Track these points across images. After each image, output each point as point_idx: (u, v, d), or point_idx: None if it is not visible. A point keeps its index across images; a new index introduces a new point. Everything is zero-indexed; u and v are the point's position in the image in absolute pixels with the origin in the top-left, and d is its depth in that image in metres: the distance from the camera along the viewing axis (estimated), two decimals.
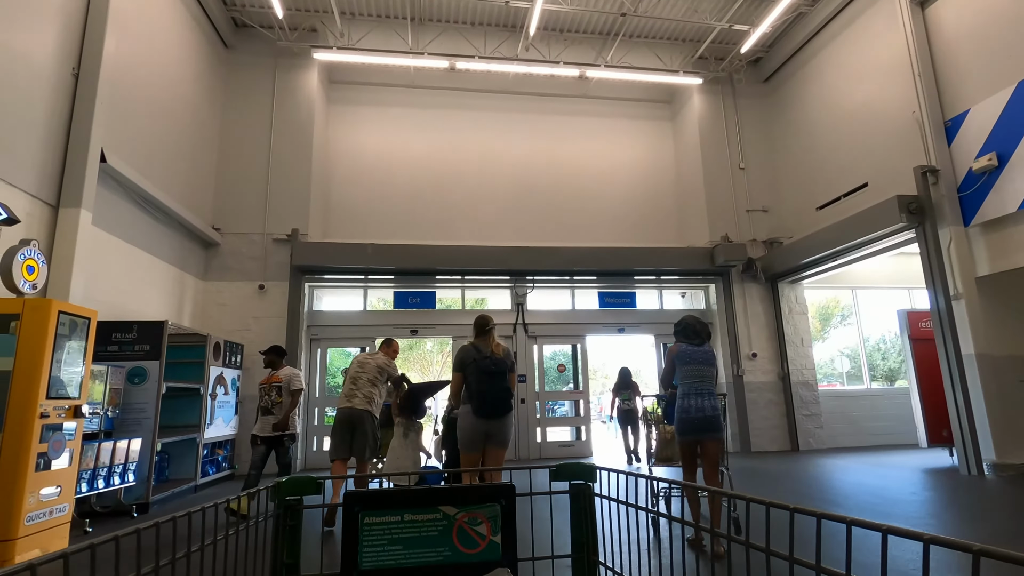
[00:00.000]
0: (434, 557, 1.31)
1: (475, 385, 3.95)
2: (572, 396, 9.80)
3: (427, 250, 9.08)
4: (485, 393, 3.92)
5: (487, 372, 3.96)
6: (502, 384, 4.02)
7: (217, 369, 7.32)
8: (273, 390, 5.29)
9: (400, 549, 1.29)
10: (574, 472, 1.57)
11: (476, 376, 3.96)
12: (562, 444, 9.55)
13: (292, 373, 5.39)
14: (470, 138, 10.90)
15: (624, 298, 10.18)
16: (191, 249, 8.47)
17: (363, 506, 1.31)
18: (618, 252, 9.66)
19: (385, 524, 1.30)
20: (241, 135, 9.44)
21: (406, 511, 1.33)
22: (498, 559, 1.31)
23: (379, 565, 1.27)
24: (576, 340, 9.85)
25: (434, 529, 1.32)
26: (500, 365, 4.03)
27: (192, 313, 8.47)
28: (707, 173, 10.49)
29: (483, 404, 3.91)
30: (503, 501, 1.36)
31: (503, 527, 1.35)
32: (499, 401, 3.97)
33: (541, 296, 9.95)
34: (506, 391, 4.03)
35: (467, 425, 3.99)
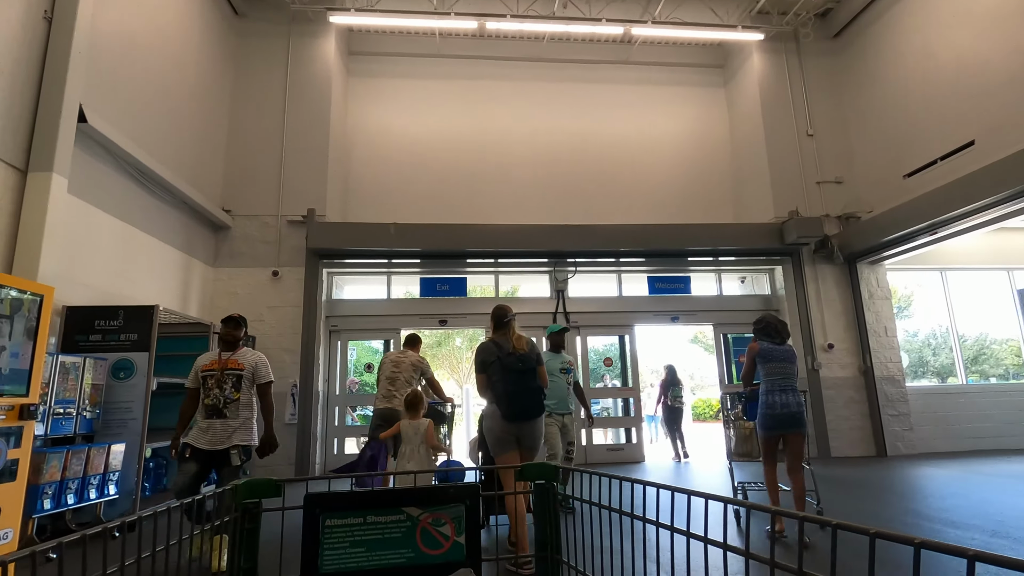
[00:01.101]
0: (397, 559, 1.27)
1: (500, 386, 3.54)
2: (620, 393, 8.72)
3: (456, 230, 8.11)
4: (513, 395, 3.51)
5: (513, 371, 3.54)
6: (531, 383, 3.59)
7: None
8: (228, 381, 3.66)
9: (362, 551, 1.26)
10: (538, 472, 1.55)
11: (500, 376, 3.55)
12: (610, 448, 8.48)
13: (259, 359, 3.86)
14: (502, 111, 9.90)
15: (677, 283, 9.03)
16: (199, 232, 7.69)
17: (323, 508, 1.26)
18: (669, 230, 8.51)
19: (347, 526, 1.27)
20: (253, 109, 8.63)
21: (369, 512, 1.29)
22: (462, 560, 1.27)
23: (340, 568, 1.23)
24: (624, 330, 8.76)
25: (397, 531, 1.29)
26: (526, 362, 3.58)
27: (200, 302, 7.68)
28: (770, 142, 9.25)
29: (511, 407, 3.50)
30: (468, 501, 1.33)
31: (467, 528, 1.32)
32: (529, 402, 3.55)
33: (584, 282, 8.88)
34: (536, 391, 3.60)
35: (494, 427, 3.59)
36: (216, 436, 3.56)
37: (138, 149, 6.01)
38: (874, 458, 8.01)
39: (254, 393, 3.80)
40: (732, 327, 8.93)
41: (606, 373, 9.11)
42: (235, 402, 3.66)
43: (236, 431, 3.62)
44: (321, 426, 7.86)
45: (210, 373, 3.68)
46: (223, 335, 3.81)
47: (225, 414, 3.62)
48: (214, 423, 3.59)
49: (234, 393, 3.66)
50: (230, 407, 3.64)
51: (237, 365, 3.73)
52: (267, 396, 3.81)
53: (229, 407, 3.64)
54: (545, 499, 1.55)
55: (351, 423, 8.40)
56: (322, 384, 7.94)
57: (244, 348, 3.92)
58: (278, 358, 7.80)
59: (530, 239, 8.20)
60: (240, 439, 3.64)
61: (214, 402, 3.62)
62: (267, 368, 3.90)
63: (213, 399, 3.62)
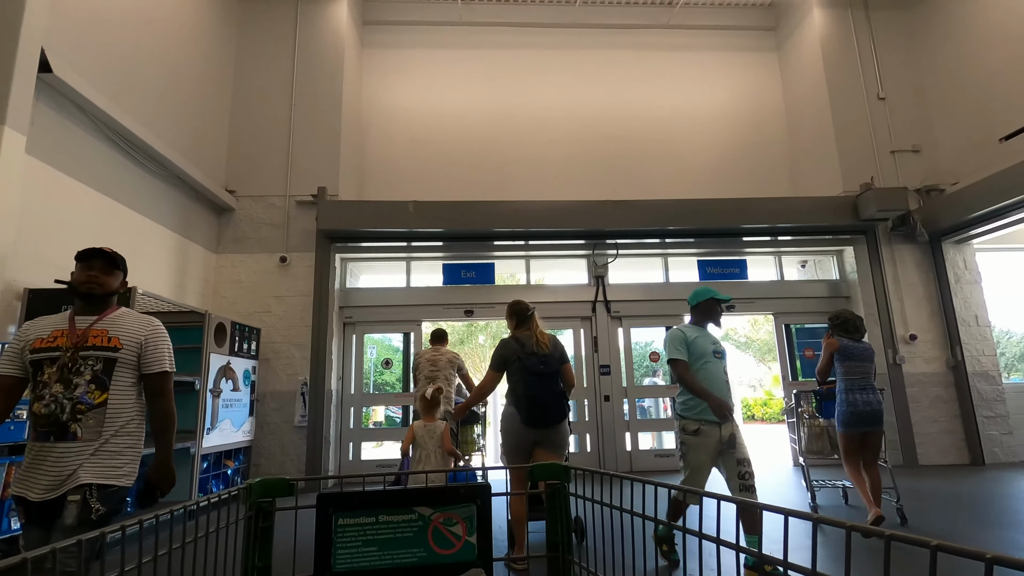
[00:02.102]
0: (409, 558, 1.26)
1: (521, 389, 3.38)
2: (670, 392, 7.72)
3: (482, 208, 7.21)
4: (534, 398, 3.34)
5: (534, 373, 3.37)
6: (553, 387, 3.42)
7: (221, 358, 5.69)
8: (86, 369, 2.09)
9: (375, 550, 1.25)
10: (549, 472, 1.53)
11: (522, 378, 3.38)
12: (659, 453, 7.49)
13: (150, 331, 2.29)
14: (531, 82, 9.00)
15: (731, 267, 8.00)
16: (199, 214, 6.93)
17: (336, 508, 1.25)
18: (721, 205, 7.48)
19: (359, 525, 1.26)
20: (259, 81, 7.87)
21: (381, 512, 1.28)
22: (473, 559, 1.26)
23: (353, 567, 1.22)
24: (672, 321, 7.75)
25: (409, 530, 1.28)
26: (550, 363, 3.43)
27: (201, 292, 6.92)
28: (836, 107, 8.16)
29: (532, 412, 3.34)
30: (479, 501, 1.32)
31: (479, 528, 1.31)
32: (551, 408, 3.38)
33: (626, 268, 7.91)
34: (559, 395, 3.44)
35: (512, 430, 3.40)
36: (50, 476, 1.99)
37: (123, 114, 5.24)
38: (969, 467, 6.89)
39: (137, 392, 2.24)
40: (795, 317, 7.87)
41: (658, 369, 8.12)
42: (96, 410, 2.08)
43: (88, 461, 2.03)
44: (334, 429, 7.03)
45: (48, 354, 2.08)
46: (79, 283, 2.21)
47: (73, 432, 2.03)
48: (51, 450, 2.01)
49: (94, 392, 2.09)
50: (85, 419, 2.05)
51: (107, 340, 2.15)
52: (163, 396, 2.26)
53: (83, 419, 2.05)
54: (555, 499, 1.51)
55: (371, 424, 7.57)
56: (335, 382, 7.12)
57: (122, 310, 2.33)
58: (286, 353, 7.01)
59: (565, 217, 7.26)
60: (93, 475, 2.02)
61: (52, 410, 2.01)
62: (165, 346, 2.31)
63: (50, 405, 2.02)
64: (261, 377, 6.89)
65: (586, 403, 7.43)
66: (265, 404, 6.89)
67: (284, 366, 7.03)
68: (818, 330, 7.84)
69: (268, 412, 6.88)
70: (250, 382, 6.33)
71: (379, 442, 7.39)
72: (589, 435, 7.34)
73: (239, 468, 6.13)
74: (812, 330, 7.88)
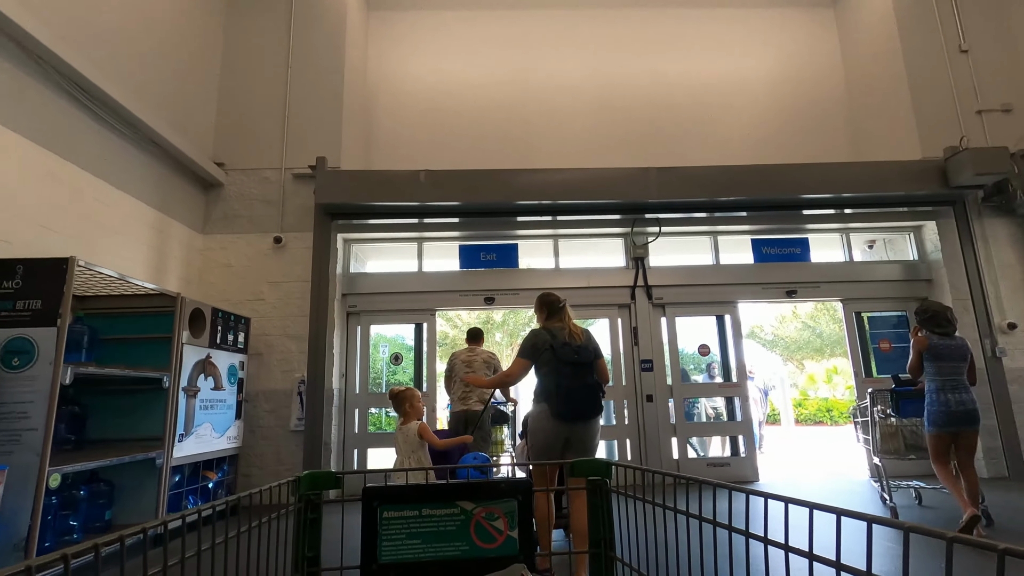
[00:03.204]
0: (452, 551, 1.27)
1: (553, 380, 3.10)
2: (723, 391, 6.68)
3: (502, 178, 6.24)
4: (567, 390, 3.06)
5: (568, 363, 3.09)
6: (588, 378, 3.14)
7: (199, 351, 4.80)
8: None
9: (419, 543, 1.27)
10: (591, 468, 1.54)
11: (554, 368, 3.11)
12: (711, 462, 6.46)
13: None
14: (556, 45, 8.03)
15: (791, 247, 6.94)
16: (182, 189, 6.07)
17: (381, 500, 1.27)
18: (778, 172, 6.41)
19: (403, 518, 1.28)
20: (252, 40, 6.99)
21: (424, 506, 1.30)
22: (515, 554, 1.28)
23: (398, 559, 1.25)
24: (723, 309, 6.73)
25: (452, 524, 1.29)
26: (584, 354, 3.15)
27: (184, 276, 6.05)
28: (910, 62, 7.06)
29: (566, 404, 3.05)
30: (520, 497, 1.33)
31: (520, 522, 1.32)
32: (586, 400, 3.09)
33: (669, 248, 6.89)
34: (594, 387, 3.14)
35: (543, 428, 3.09)
36: None
37: (78, 58, 4.37)
38: None
39: None
40: (867, 304, 6.78)
41: (710, 363, 7.09)
42: None
43: None
44: (336, 433, 6.12)
45: None
46: None
47: None
48: None
49: None
50: None
51: None
52: None
53: None
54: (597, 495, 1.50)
55: (374, 429, 6.64)
56: (337, 380, 6.21)
57: None
58: (281, 347, 6.11)
59: (599, 187, 6.26)
60: None
61: None
62: None
63: None
64: (252, 374, 6.00)
65: (625, 404, 6.43)
66: (257, 405, 6.00)
67: (279, 361, 6.13)
68: (894, 319, 6.75)
69: (260, 415, 5.99)
70: (237, 380, 5.43)
71: (388, 448, 6.45)
72: (630, 440, 6.34)
73: (223, 480, 5.23)
74: (888, 319, 6.79)
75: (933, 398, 4.02)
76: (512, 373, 3.27)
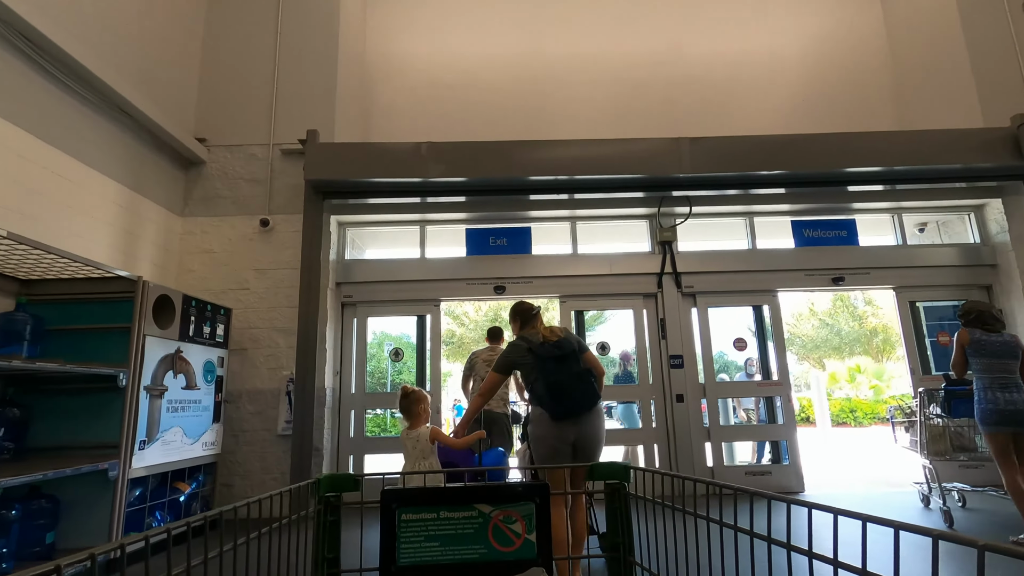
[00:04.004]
0: (470, 554, 1.27)
1: (541, 380, 2.90)
2: (761, 390, 5.97)
3: (514, 150, 5.56)
4: (557, 385, 2.85)
5: (550, 357, 2.93)
6: (575, 367, 2.93)
7: (166, 344, 4.16)
8: None
9: (437, 546, 1.27)
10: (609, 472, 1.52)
11: (539, 368, 2.93)
12: (750, 470, 5.75)
13: None
14: (570, 15, 7.34)
15: (836, 229, 6.22)
16: (158, 166, 5.45)
17: (400, 503, 1.27)
18: (823, 143, 5.69)
19: (422, 521, 1.28)
20: (238, 8, 6.36)
21: (442, 508, 1.29)
22: (533, 557, 1.27)
23: (416, 561, 1.25)
24: (761, 298, 6.02)
25: (470, 527, 1.28)
26: (564, 346, 2.98)
27: (160, 263, 5.43)
28: (967, 22, 6.32)
29: (559, 400, 2.83)
30: (537, 500, 1.31)
31: (538, 526, 1.31)
32: (578, 389, 2.86)
33: (700, 231, 6.20)
34: (583, 374, 2.92)
35: (544, 434, 2.86)
36: None
37: (26, 7, 3.74)
38: None
39: None
40: (923, 292, 6.06)
41: (750, 359, 6.38)
42: None
43: None
44: (329, 438, 5.47)
45: None
46: None
47: None
48: None
49: None
50: None
51: None
52: None
53: None
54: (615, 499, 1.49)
55: (376, 432, 5.99)
56: (330, 378, 5.57)
57: None
58: (268, 341, 5.48)
59: (621, 160, 5.57)
60: None
61: None
62: None
63: None
64: (234, 372, 5.37)
65: (652, 404, 5.74)
66: (240, 407, 5.36)
67: (266, 358, 5.50)
68: (953, 310, 6.01)
69: (244, 417, 5.35)
70: (215, 378, 4.79)
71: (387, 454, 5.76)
72: (658, 446, 5.65)
73: (198, 492, 4.59)
74: (946, 309, 6.05)
75: (981, 396, 3.86)
76: (484, 390, 3.12)
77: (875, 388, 18.76)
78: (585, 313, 6.12)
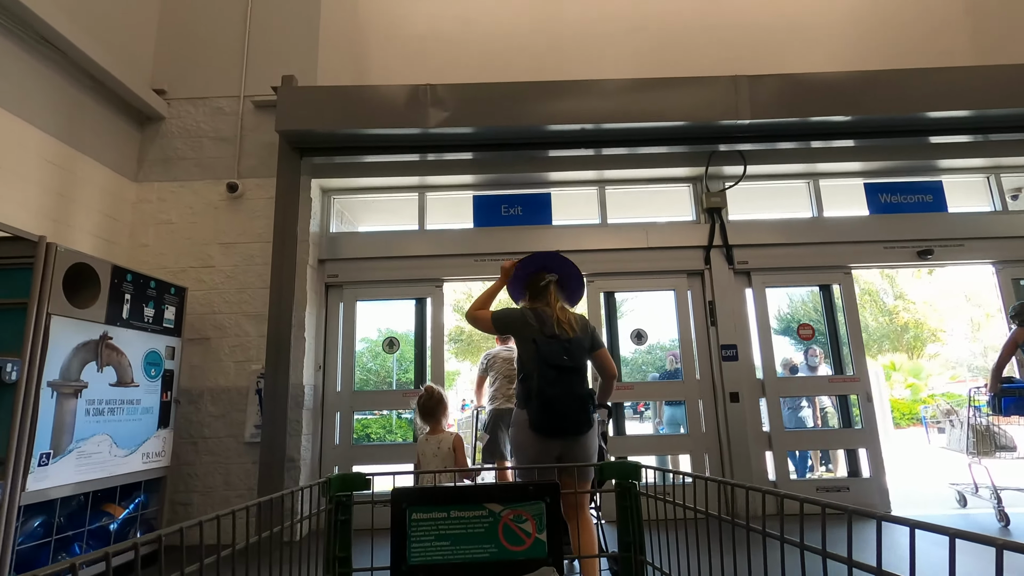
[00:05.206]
0: (481, 554, 1.25)
1: (534, 383, 2.44)
2: (833, 387, 4.92)
3: (529, 94, 4.55)
4: (549, 400, 2.40)
5: (553, 365, 2.44)
6: (577, 387, 2.48)
7: (86, 327, 3.22)
8: None
9: (447, 545, 1.25)
10: (619, 471, 1.48)
11: (536, 368, 2.45)
12: (822, 485, 4.72)
13: None
14: None
15: (918, 193, 5.16)
16: (106, 121, 4.53)
17: (410, 502, 1.25)
18: (899, 80, 4.63)
19: (432, 520, 1.25)
20: None
21: (452, 507, 1.27)
22: (544, 557, 1.25)
23: (427, 560, 1.23)
24: (831, 276, 4.99)
25: (480, 526, 1.26)
26: (575, 354, 2.51)
27: (105, 236, 4.50)
28: None
29: (544, 416, 2.41)
30: (548, 499, 1.29)
31: (548, 525, 1.28)
32: (569, 414, 2.43)
33: (753, 195, 5.17)
34: (583, 398, 2.47)
35: (525, 443, 2.46)
36: None
37: None
38: None
39: None
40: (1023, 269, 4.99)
41: (809, 349, 5.34)
42: None
43: None
44: (308, 446, 4.51)
45: None
46: None
47: None
48: None
49: None
50: None
51: None
52: None
53: None
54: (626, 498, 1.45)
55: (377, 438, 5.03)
56: (311, 374, 4.61)
57: None
58: (236, 329, 4.55)
59: (659, 104, 4.55)
60: None
61: None
62: None
63: None
64: (193, 366, 4.44)
65: (701, 405, 4.73)
66: (201, 408, 4.42)
67: (232, 349, 4.55)
68: None
69: (205, 421, 4.41)
70: (161, 373, 3.84)
71: (380, 464, 4.77)
72: (708, 455, 4.63)
73: (137, 515, 3.64)
74: None
75: None
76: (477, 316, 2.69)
77: (912, 387, 17.51)
78: (616, 295, 5.11)
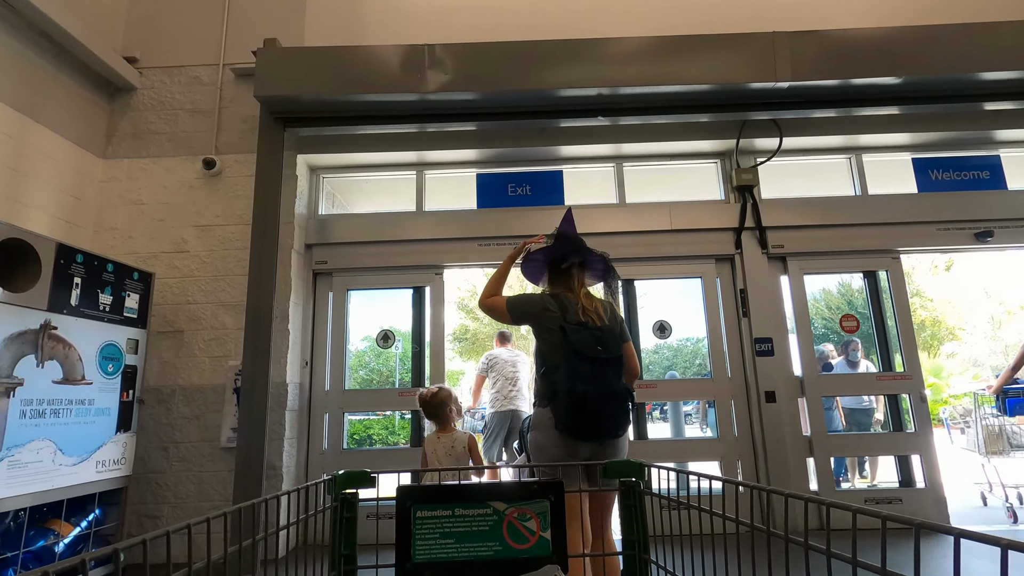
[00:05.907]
0: (485, 552, 1.24)
1: (564, 379, 2.00)
2: (882, 385, 4.39)
3: (538, 54, 4.03)
4: (583, 398, 1.96)
5: (587, 356, 2.02)
6: (615, 382, 2.05)
7: (24, 314, 2.75)
8: None
9: (452, 543, 1.24)
10: (623, 469, 1.45)
11: (566, 361, 2.02)
12: (871, 496, 4.19)
13: None
14: None
15: (972, 170, 4.63)
16: (69, 91, 4.07)
17: (415, 500, 1.25)
18: (950, 37, 4.09)
19: (437, 518, 1.25)
20: None
21: (457, 505, 1.26)
22: (548, 555, 1.24)
23: (432, 558, 1.22)
24: (877, 261, 4.46)
25: (485, 524, 1.25)
26: (608, 343, 2.10)
27: (70, 216, 4.03)
28: None
29: (579, 418, 1.98)
30: (552, 497, 1.27)
31: (552, 523, 1.27)
32: (608, 415, 2.02)
33: (787, 172, 4.65)
34: (622, 395, 2.06)
35: (547, 444, 2.05)
36: None
37: None
38: None
39: None
40: None
41: (849, 343, 4.84)
42: None
43: None
44: (293, 452, 4.03)
45: None
46: None
47: None
48: None
49: None
50: None
51: None
52: None
53: None
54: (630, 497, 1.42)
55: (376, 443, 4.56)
56: (293, 371, 4.12)
57: None
58: (213, 321, 4.07)
59: (685, 64, 4.02)
60: None
61: None
62: None
63: None
64: (164, 362, 3.97)
65: (733, 407, 4.22)
66: (172, 409, 3.95)
67: (208, 343, 4.07)
68: None
69: (177, 424, 3.93)
70: (120, 368, 3.36)
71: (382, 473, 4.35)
72: (742, 462, 4.12)
73: (90, 532, 3.16)
74: None
75: None
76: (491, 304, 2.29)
77: (933, 387, 16.92)
78: (635, 282, 4.59)
